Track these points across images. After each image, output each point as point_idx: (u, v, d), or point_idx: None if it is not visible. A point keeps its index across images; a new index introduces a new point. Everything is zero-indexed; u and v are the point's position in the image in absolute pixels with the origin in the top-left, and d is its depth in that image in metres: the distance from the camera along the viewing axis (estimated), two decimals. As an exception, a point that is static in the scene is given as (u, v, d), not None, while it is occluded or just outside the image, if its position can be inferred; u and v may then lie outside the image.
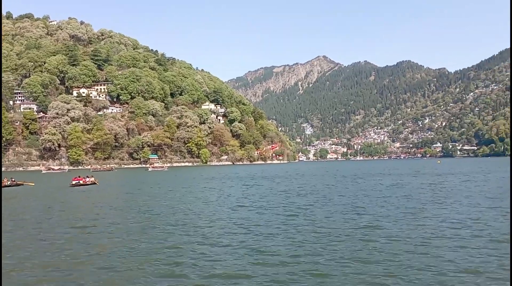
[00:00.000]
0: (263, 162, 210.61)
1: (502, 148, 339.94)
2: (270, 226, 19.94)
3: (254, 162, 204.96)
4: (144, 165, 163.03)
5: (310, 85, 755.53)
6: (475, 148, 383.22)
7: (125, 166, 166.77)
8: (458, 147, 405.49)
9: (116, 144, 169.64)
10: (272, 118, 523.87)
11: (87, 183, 56.19)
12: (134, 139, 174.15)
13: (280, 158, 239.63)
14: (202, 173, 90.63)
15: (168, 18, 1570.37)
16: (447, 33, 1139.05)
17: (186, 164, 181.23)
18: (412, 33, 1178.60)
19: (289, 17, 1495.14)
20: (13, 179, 57.66)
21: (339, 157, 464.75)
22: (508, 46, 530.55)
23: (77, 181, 54.83)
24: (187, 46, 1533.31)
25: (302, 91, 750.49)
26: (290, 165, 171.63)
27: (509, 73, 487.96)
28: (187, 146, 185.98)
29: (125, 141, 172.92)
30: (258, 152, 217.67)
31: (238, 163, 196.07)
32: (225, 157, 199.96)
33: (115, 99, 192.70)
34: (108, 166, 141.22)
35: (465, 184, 44.47)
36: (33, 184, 57.92)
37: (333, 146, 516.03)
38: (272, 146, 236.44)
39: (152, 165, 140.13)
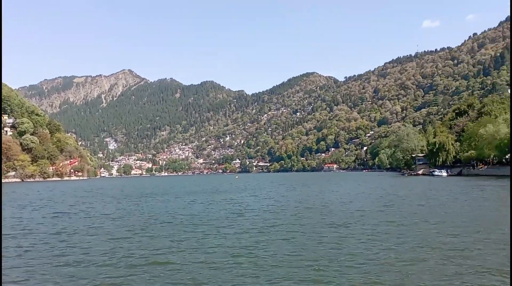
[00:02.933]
0: (59, 179, 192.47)
1: (290, 164, 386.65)
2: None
3: (48, 179, 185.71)
4: None
5: (115, 99, 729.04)
6: (268, 164, 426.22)
7: None
8: (254, 163, 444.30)
9: None
10: (72, 131, 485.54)
11: None
12: None
13: (80, 174, 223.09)
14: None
15: None
16: (245, 58, 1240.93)
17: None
18: (215, 54, 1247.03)
19: (93, 24, 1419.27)
20: None
21: (144, 173, 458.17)
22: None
23: None
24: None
25: (105, 104, 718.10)
26: (89, 182, 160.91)
27: (295, 98, 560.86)
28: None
29: None
30: (54, 167, 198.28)
31: (29, 180, 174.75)
32: (12, 173, 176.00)
33: None
34: None
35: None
36: None
37: (138, 161, 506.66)
38: (70, 162, 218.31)
39: None
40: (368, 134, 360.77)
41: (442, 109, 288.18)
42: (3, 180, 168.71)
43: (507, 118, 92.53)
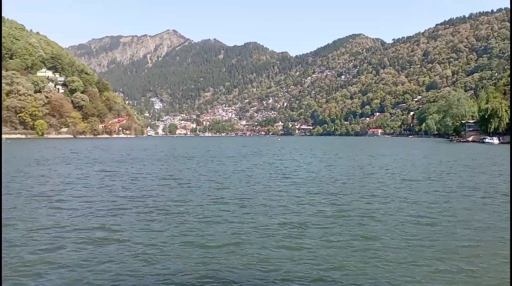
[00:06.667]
0: (108, 136, 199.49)
1: (333, 128, 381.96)
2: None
3: (98, 136, 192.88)
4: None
5: (160, 59, 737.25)
6: (311, 127, 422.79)
7: None
8: (297, 126, 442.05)
9: None
10: (119, 91, 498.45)
11: None
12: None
13: (128, 132, 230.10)
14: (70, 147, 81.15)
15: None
16: (289, 19, 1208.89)
17: (18, 136, 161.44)
18: (258, 15, 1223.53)
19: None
20: None
21: (189, 133, 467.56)
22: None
23: None
24: (18, 4, 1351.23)
25: (151, 64, 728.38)
26: (138, 140, 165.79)
27: (340, 61, 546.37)
28: (19, 116, 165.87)
29: None
30: (103, 125, 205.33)
31: (81, 136, 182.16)
32: (65, 129, 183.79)
33: None
34: None
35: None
36: None
37: (183, 121, 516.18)
38: (118, 120, 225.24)
39: None
40: (415, 99, 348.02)
41: (496, 74, 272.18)
42: (56, 136, 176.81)
43: None
